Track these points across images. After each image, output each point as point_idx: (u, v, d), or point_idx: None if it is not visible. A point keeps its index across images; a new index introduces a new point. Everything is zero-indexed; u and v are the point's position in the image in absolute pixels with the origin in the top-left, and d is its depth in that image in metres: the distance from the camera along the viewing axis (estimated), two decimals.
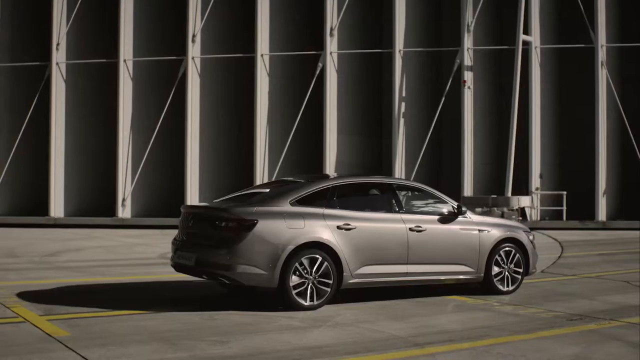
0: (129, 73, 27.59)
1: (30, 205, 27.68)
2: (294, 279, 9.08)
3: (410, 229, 9.90)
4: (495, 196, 25.79)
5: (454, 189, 27.17)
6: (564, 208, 26.45)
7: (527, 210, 26.34)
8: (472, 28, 26.73)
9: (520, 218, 25.07)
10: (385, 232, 9.76)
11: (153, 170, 27.57)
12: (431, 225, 10.13)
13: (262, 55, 27.19)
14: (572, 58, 27.69)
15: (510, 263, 10.77)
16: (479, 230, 10.50)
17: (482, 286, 10.64)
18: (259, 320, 8.52)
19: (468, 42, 26.68)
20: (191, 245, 9.43)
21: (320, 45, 27.17)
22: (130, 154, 27.60)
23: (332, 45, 27.14)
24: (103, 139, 28.01)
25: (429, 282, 10.29)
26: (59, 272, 12.93)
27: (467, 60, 26.71)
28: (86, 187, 28.02)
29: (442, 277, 10.27)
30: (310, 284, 9.18)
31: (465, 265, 10.38)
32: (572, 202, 26.45)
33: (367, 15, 28.29)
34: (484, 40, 27.48)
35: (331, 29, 27.06)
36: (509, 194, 25.78)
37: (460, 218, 10.41)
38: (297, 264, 9.09)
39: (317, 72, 27.02)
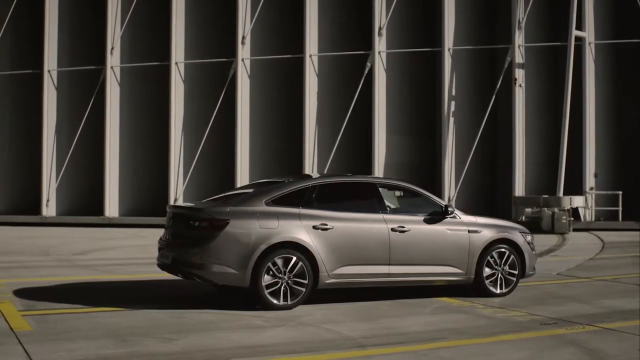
0: (180, 75, 28.11)
1: (87, 206, 28.51)
2: (267, 279, 9.10)
3: (393, 229, 9.78)
4: (546, 196, 25.14)
5: (505, 189, 26.70)
6: (620, 208, 25.55)
7: (581, 211, 25.58)
8: (523, 24, 26.12)
9: (572, 218, 24.40)
10: (365, 233, 9.66)
11: (204, 171, 28.01)
12: (416, 226, 9.98)
13: (310, 56, 27.27)
14: (629, 53, 26.74)
15: (504, 265, 10.51)
16: (469, 231, 10.27)
17: (473, 288, 10.41)
18: (225, 319, 8.59)
19: (519, 39, 26.10)
20: (170, 245, 9.57)
21: (368, 45, 27.06)
22: (182, 155, 28.12)
23: (380, 44, 26.99)
24: (156, 140, 28.60)
25: (415, 284, 10.15)
26: (72, 270, 13.32)
27: (519, 58, 26.13)
28: (140, 187, 28.68)
29: (428, 279, 10.11)
30: (284, 284, 9.18)
31: (454, 266, 10.18)
32: (630, 202, 25.53)
33: (415, 14, 28.00)
34: (536, 37, 26.81)
35: (380, 28, 26.91)
36: (561, 194, 25.07)
37: (448, 218, 10.20)
38: (270, 264, 9.10)
39: (366, 72, 26.90)
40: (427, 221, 10.12)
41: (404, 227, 9.86)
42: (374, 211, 9.86)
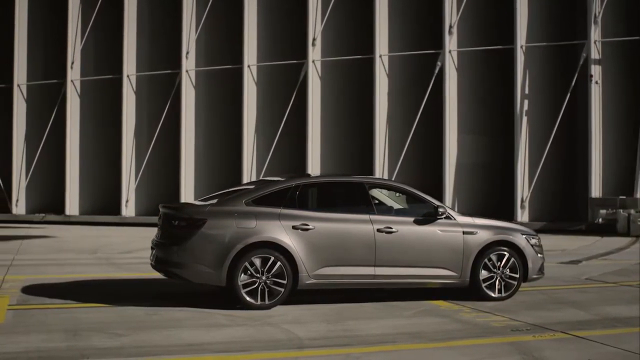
0: (253, 78, 28.56)
1: None
2: (243, 278, 9.14)
3: (379, 230, 9.61)
4: (623, 197, 24.10)
5: (581, 190, 25.71)
6: None
7: None
8: (599, 19, 25.09)
9: None
10: (349, 233, 9.54)
11: (277, 171, 28.26)
12: (404, 227, 9.77)
13: (380, 56, 27.14)
14: None
15: (504, 268, 10.14)
16: (464, 232, 9.97)
17: (470, 292, 10.10)
18: (194, 317, 8.70)
19: (595, 34, 25.07)
20: (157, 245, 9.74)
21: (439, 44, 26.66)
22: (255, 156, 28.58)
23: (451, 43, 26.53)
24: (230, 141, 29.12)
25: (404, 286, 9.96)
26: (101, 268, 13.76)
27: (595, 54, 25.10)
28: (217, 187, 29.19)
29: (418, 281, 9.88)
30: (262, 284, 9.19)
31: (446, 269, 9.90)
32: None
33: (487, 11, 27.33)
34: (613, 32, 25.67)
35: (450, 27, 26.46)
36: (638, 195, 23.95)
37: (442, 220, 9.93)
38: (247, 263, 9.14)
39: (436, 71, 26.53)
40: (418, 222, 9.89)
41: (391, 227, 9.67)
42: (360, 212, 9.72)
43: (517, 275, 10.19)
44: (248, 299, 9.15)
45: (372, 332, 8.04)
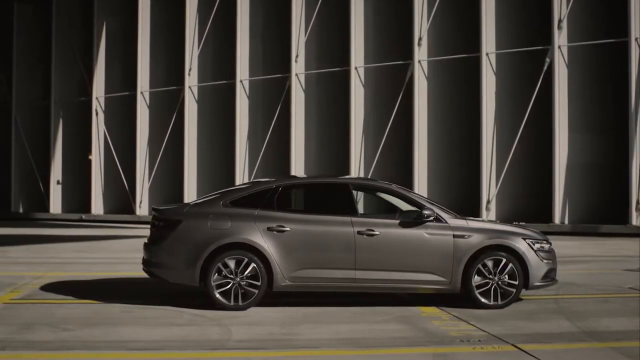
0: (360, 80, 28.61)
1: None
2: (216, 279, 9.24)
3: (359, 233, 9.40)
4: None
5: None
6: None
7: None
8: None
9: None
10: (327, 235, 9.40)
11: (383, 172, 28.16)
12: (388, 229, 9.48)
13: (487, 54, 26.38)
14: None
15: (501, 274, 9.59)
16: (454, 236, 9.53)
17: (464, 299, 9.65)
18: (163, 315, 8.92)
19: None
20: (143, 245, 10.02)
21: (547, 39, 25.53)
22: (363, 158, 28.65)
23: (561, 38, 25.34)
24: (339, 144, 29.31)
25: (388, 291, 9.68)
26: (127, 267, 13.95)
27: None
28: None
29: (403, 286, 9.55)
30: (236, 285, 9.25)
31: (434, 273, 9.51)
32: None
33: (600, 3, 25.85)
34: None
35: (559, 21, 25.27)
36: None
37: (431, 222, 9.55)
38: (220, 264, 9.23)
39: (545, 67, 25.43)
40: (404, 225, 9.57)
41: (373, 230, 9.42)
42: (342, 213, 9.53)
43: (516, 282, 9.62)
44: (222, 299, 9.24)
45: (314, 337, 7.92)
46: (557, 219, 25.04)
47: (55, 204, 36.22)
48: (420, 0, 27.44)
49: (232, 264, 9.24)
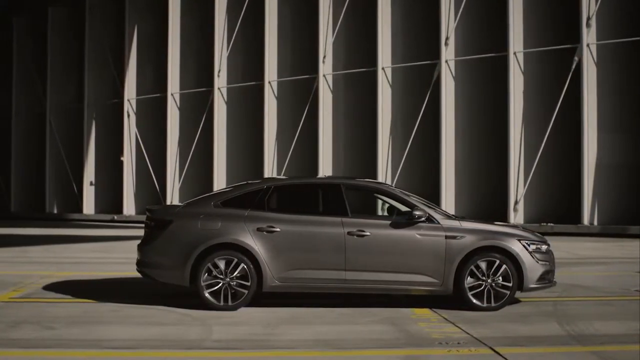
0: (388, 80, 28.51)
1: None
2: (206, 279, 9.27)
3: (349, 233, 9.34)
4: None
5: None
6: None
7: None
8: None
9: None
10: (316, 236, 9.36)
11: (409, 179, 28.03)
12: (378, 230, 9.41)
13: (515, 53, 26.10)
14: None
15: (494, 275, 9.45)
16: (446, 237, 9.42)
17: (457, 300, 9.52)
18: (148, 315, 8.99)
19: None
20: (137, 245, 10.08)
21: (575, 37, 25.14)
22: (390, 157, 28.52)
23: (589, 36, 24.93)
24: (366, 142, 29.25)
25: (379, 292, 9.58)
26: (127, 267, 14.05)
27: None
28: None
29: (394, 287, 9.46)
30: (226, 285, 9.26)
31: (425, 275, 9.41)
32: None
33: (628, 1, 25.35)
34: None
35: (588, 19, 24.88)
36: None
37: (423, 223, 9.45)
38: (209, 265, 9.26)
39: (573, 66, 25.06)
40: (395, 225, 9.48)
41: (363, 231, 9.36)
42: (332, 214, 9.50)
43: (510, 284, 9.47)
44: (211, 299, 9.26)
45: (293, 337, 7.89)
46: (586, 220, 24.64)
47: (89, 205, 36.79)
48: (446, 1, 27.28)
49: (222, 264, 9.27)
